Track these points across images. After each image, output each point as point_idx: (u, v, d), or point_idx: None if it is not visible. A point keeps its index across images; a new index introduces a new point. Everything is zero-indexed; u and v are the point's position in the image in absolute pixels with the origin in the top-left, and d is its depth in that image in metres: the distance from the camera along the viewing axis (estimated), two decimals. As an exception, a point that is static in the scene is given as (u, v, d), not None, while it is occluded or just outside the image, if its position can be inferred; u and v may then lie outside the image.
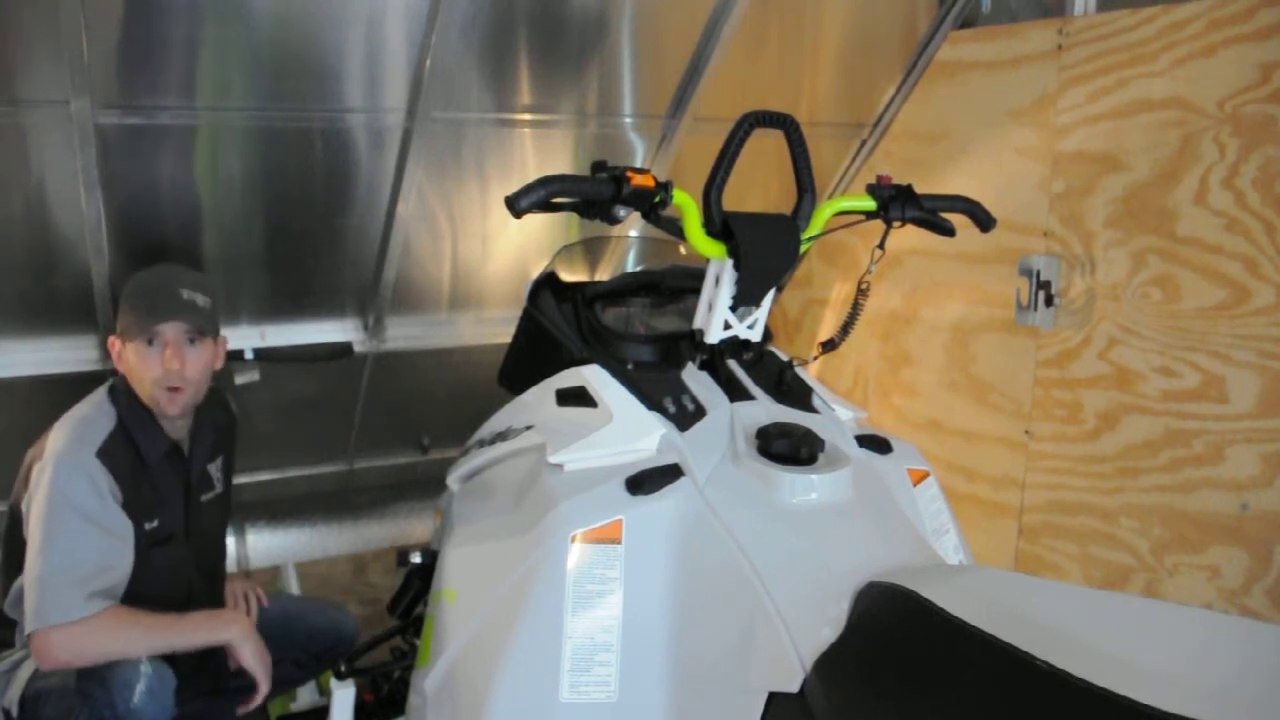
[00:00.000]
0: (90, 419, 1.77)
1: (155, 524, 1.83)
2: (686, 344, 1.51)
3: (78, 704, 1.60)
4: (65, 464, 1.69)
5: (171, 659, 1.74)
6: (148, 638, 1.68)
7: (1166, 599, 2.23)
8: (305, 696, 2.34)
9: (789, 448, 1.32)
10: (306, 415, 2.80)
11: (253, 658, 1.76)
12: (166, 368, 1.78)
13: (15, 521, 1.77)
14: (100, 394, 1.84)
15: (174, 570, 1.88)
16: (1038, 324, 2.48)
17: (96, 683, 1.61)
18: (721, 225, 1.41)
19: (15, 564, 1.73)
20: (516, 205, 1.29)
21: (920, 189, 1.58)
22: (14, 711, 1.69)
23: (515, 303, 1.79)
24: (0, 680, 1.74)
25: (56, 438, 1.73)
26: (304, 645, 2.09)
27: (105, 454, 1.73)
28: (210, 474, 2.00)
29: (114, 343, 1.84)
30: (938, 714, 0.93)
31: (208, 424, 1.97)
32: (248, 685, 1.81)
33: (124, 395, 1.82)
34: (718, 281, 1.45)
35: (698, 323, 1.49)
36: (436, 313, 2.71)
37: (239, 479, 2.88)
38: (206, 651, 1.79)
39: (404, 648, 1.88)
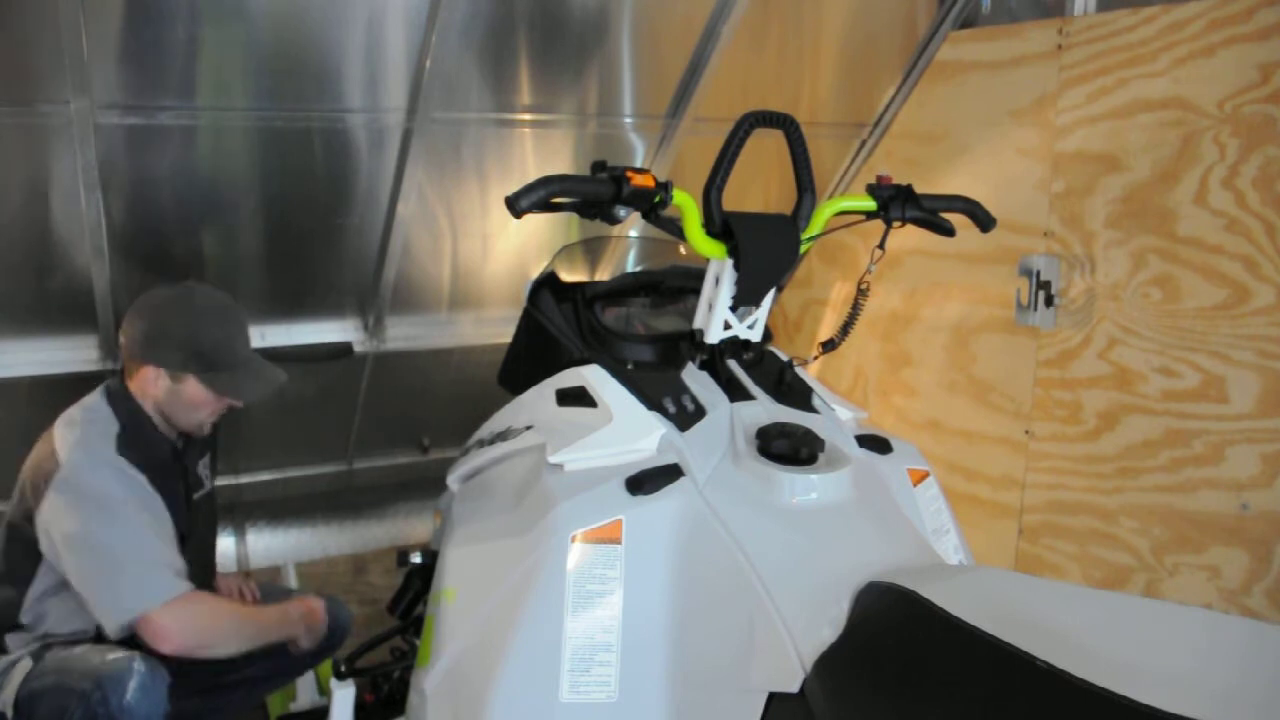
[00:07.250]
0: (96, 423, 1.76)
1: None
2: (686, 344, 1.51)
3: (72, 702, 1.59)
4: (94, 464, 1.69)
5: (163, 657, 1.73)
6: (242, 625, 1.76)
7: (1166, 599, 2.23)
8: (305, 696, 2.34)
9: (789, 448, 1.32)
10: (306, 415, 2.80)
11: (309, 643, 1.91)
12: (228, 408, 1.89)
13: (16, 536, 1.75)
14: (97, 399, 1.81)
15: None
16: (1038, 324, 2.48)
17: (90, 680, 1.60)
18: (721, 225, 1.41)
19: (21, 577, 1.73)
20: (516, 205, 1.29)
21: (920, 189, 1.58)
22: (9, 713, 1.68)
23: (515, 303, 1.79)
24: None
25: (66, 444, 1.71)
26: None
27: (123, 450, 1.74)
28: (200, 473, 2.00)
29: (159, 374, 1.80)
30: (938, 714, 0.93)
31: None
32: (243, 680, 1.80)
33: (123, 401, 1.81)
34: (718, 281, 1.45)
35: (698, 323, 1.49)
36: (436, 313, 2.71)
37: (240, 479, 2.90)
38: None
39: (404, 648, 1.88)
